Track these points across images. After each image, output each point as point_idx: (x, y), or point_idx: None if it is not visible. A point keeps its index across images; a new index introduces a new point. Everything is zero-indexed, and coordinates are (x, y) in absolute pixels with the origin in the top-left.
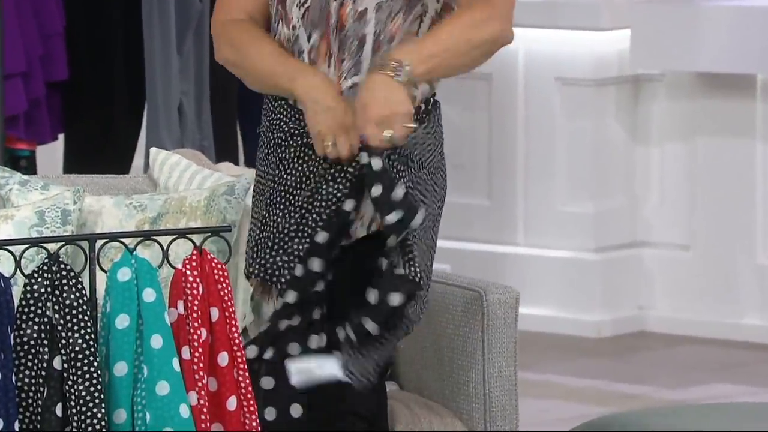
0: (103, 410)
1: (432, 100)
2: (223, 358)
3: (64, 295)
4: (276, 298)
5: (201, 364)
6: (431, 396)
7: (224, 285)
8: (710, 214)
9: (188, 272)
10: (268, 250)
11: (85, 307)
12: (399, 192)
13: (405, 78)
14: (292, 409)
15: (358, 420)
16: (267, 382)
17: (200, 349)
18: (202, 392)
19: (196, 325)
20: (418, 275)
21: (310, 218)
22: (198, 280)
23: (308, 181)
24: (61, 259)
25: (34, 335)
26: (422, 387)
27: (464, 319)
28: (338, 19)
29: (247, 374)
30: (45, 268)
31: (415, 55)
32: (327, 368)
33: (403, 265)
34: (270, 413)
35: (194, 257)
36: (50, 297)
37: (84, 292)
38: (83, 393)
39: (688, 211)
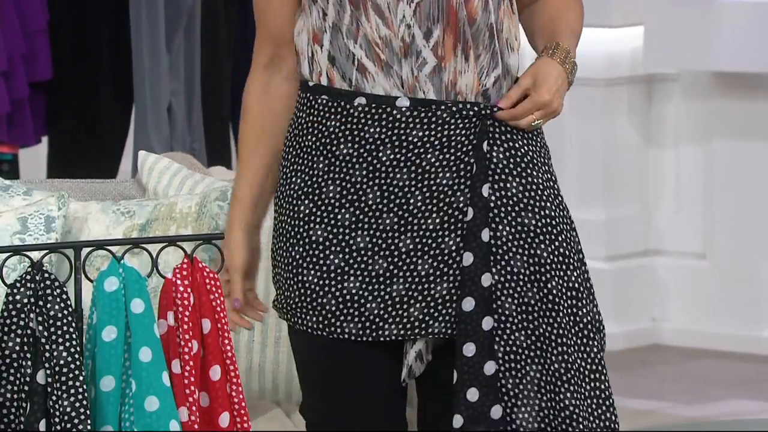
0: (89, 427)
1: None
2: (215, 372)
3: (48, 305)
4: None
5: (192, 379)
6: None
7: (216, 295)
8: (728, 220)
9: (179, 282)
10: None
11: (70, 319)
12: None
13: (572, 79)
14: None
15: None
16: None
17: (191, 363)
18: (194, 408)
19: (186, 337)
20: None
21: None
22: (189, 290)
23: (408, 224)
24: (44, 268)
25: (17, 348)
26: None
27: None
28: (468, 11)
29: (240, 389)
30: (28, 277)
31: (574, 52)
32: None
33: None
34: None
35: (185, 266)
36: (33, 308)
37: (69, 302)
38: (68, 409)
39: (704, 217)
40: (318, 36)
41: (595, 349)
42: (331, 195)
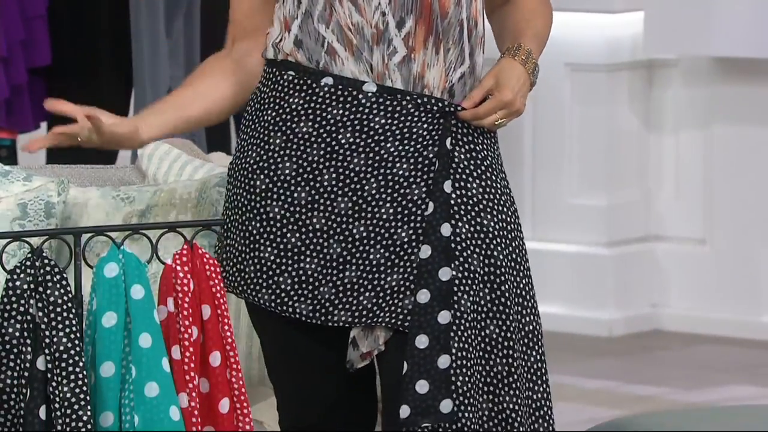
0: (89, 413)
1: None
2: (215, 358)
3: (48, 291)
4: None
5: (192, 365)
6: None
7: (216, 281)
8: (728, 206)
9: (178, 268)
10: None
11: (70, 305)
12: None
13: (535, 80)
14: None
15: None
16: None
17: (191, 349)
18: (193, 394)
19: (186, 323)
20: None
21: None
22: (189, 276)
23: (362, 210)
24: (44, 254)
25: (17, 334)
26: None
27: None
28: (440, 5)
29: (240, 375)
30: (28, 263)
31: (537, 54)
32: None
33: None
34: None
35: (185, 252)
36: (33, 294)
37: (69, 288)
38: (68, 395)
39: (704, 203)
40: (288, 23)
41: (535, 357)
42: (287, 172)
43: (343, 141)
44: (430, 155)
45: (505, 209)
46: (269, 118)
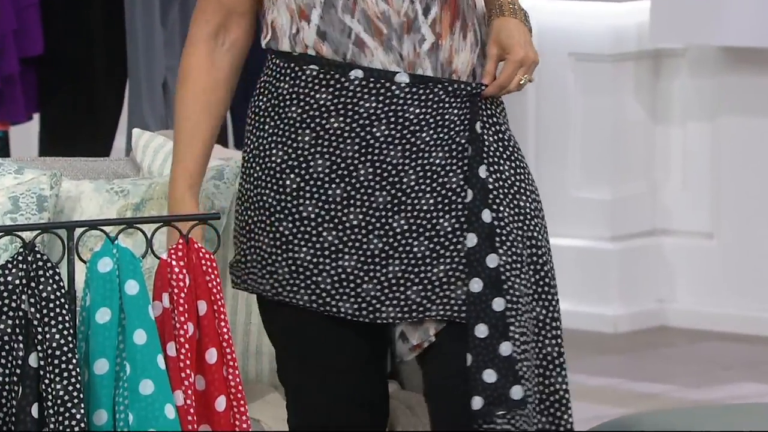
0: (82, 411)
1: None
2: (211, 355)
3: (41, 287)
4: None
5: (188, 362)
6: None
7: (213, 276)
8: (736, 199)
9: (174, 263)
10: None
11: (62, 300)
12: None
13: (529, 25)
14: None
15: None
16: None
17: (187, 346)
18: (189, 391)
19: (182, 319)
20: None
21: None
22: (184, 271)
23: (402, 203)
24: (37, 249)
25: (8, 330)
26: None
27: None
28: None
29: (237, 372)
30: (20, 258)
31: (517, 1)
32: None
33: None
34: None
35: (180, 247)
36: (25, 289)
37: (62, 284)
38: (61, 392)
39: (711, 196)
40: (305, 12)
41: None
42: (319, 170)
43: (378, 134)
44: (463, 141)
45: (534, 188)
46: (294, 115)
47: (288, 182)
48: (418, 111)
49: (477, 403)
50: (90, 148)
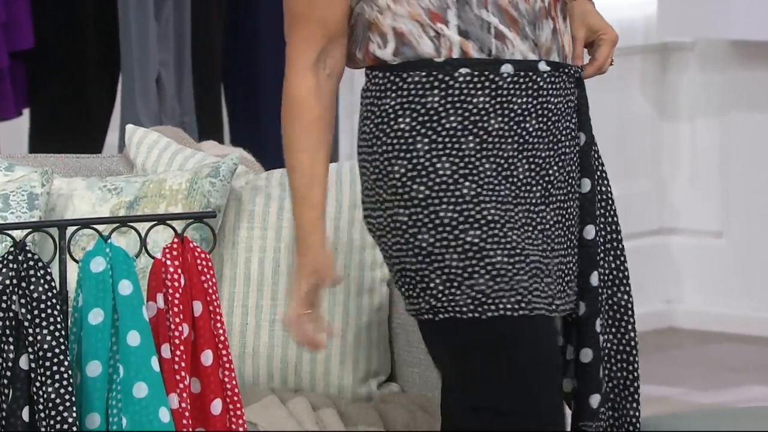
0: (74, 414)
1: None
2: (207, 357)
3: (32, 287)
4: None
5: (183, 364)
6: (435, 399)
7: (208, 276)
8: (745, 197)
9: (168, 262)
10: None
11: (54, 301)
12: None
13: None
14: None
15: None
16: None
17: (182, 347)
18: (184, 394)
19: (177, 320)
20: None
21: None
22: (179, 271)
23: (550, 195)
24: (27, 248)
25: None
26: (426, 389)
27: None
28: None
29: (233, 374)
30: (10, 257)
31: None
32: None
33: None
34: None
35: (175, 246)
36: (16, 290)
37: (53, 284)
38: (53, 395)
39: (720, 194)
40: (438, 14)
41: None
42: (488, 173)
43: (530, 129)
44: (575, 127)
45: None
46: (454, 123)
47: (465, 191)
48: (556, 100)
49: (594, 401)
50: (82, 145)
